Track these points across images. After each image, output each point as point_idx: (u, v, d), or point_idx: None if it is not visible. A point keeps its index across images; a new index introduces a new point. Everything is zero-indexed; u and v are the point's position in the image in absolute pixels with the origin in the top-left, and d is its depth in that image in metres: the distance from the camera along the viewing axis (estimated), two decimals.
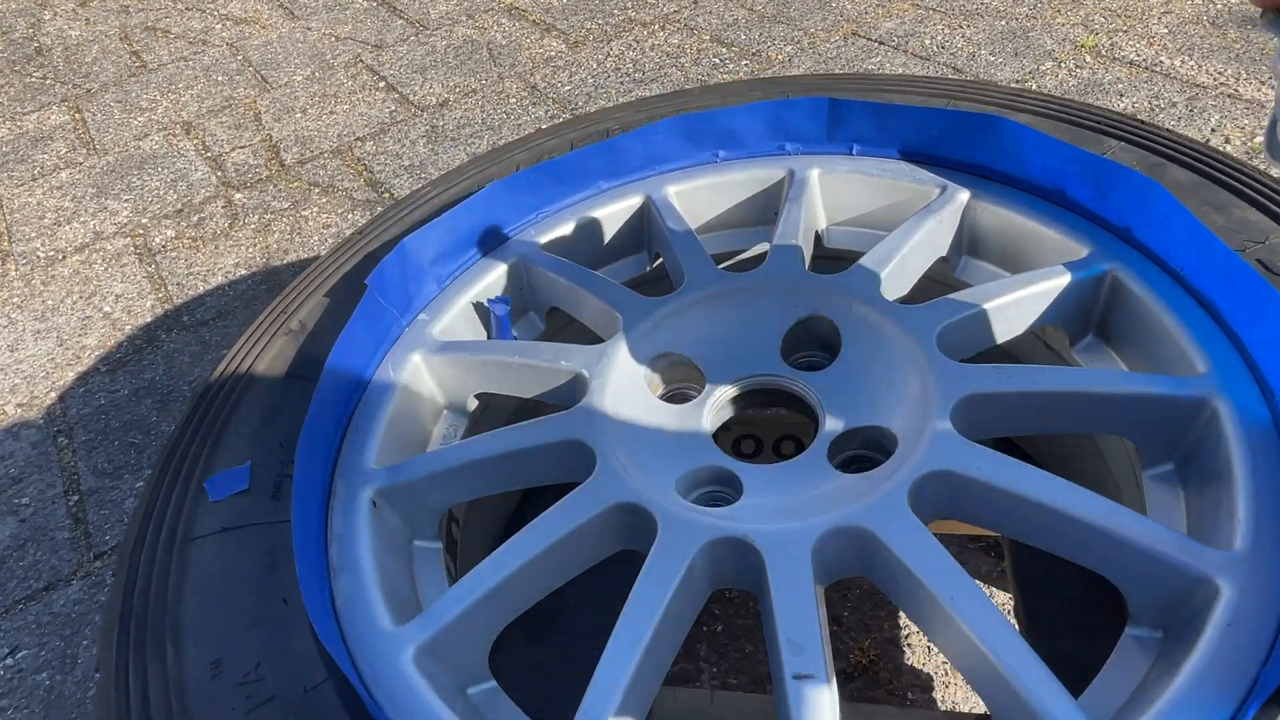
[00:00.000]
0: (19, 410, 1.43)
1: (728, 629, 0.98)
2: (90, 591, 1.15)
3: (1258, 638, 0.44)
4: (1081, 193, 0.68)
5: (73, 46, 2.60)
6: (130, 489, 1.28)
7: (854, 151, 0.79)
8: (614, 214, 0.80)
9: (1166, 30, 1.84)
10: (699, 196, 0.81)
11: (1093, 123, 0.74)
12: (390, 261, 0.70)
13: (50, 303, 1.63)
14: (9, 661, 1.08)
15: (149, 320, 1.56)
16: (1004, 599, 0.98)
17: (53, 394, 1.45)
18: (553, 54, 2.13)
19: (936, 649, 0.94)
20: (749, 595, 1.01)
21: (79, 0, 2.92)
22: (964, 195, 0.73)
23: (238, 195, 1.82)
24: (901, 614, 0.97)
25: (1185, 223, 0.62)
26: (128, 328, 1.55)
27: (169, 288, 1.62)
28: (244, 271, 1.63)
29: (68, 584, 1.16)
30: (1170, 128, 1.59)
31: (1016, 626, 0.80)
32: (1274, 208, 0.63)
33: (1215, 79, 1.67)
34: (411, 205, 0.80)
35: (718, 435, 0.64)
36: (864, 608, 0.99)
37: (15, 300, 1.65)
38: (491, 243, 0.77)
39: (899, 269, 0.68)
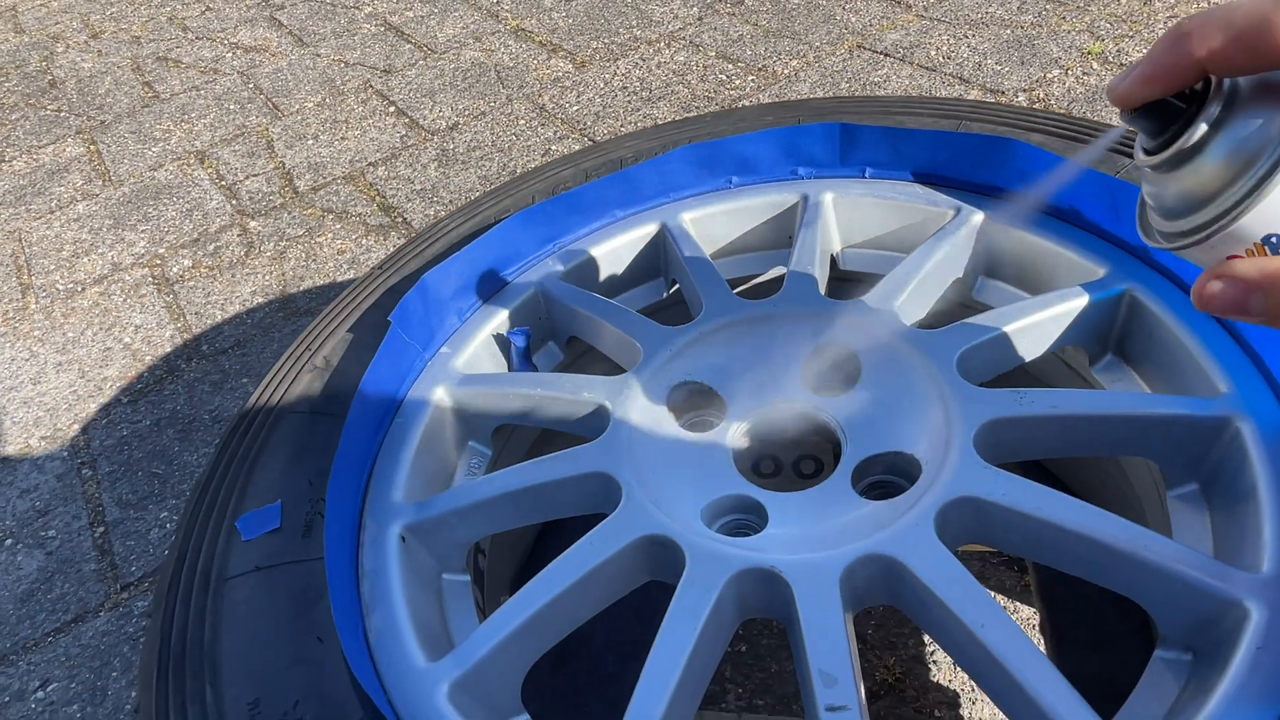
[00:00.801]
0: (43, 443, 1.45)
1: (752, 649, 0.99)
2: (118, 623, 1.16)
3: None
4: (1096, 213, 0.69)
5: (86, 78, 2.64)
6: (155, 519, 1.29)
7: (867, 174, 0.80)
8: (630, 242, 0.80)
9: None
10: (714, 222, 0.82)
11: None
12: (412, 297, 0.71)
13: (71, 335, 1.65)
14: (40, 695, 1.10)
15: (168, 350, 1.58)
16: (1028, 614, 0.98)
17: (76, 426, 1.47)
18: (560, 74, 2.15)
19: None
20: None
21: (91, 32, 2.97)
22: (978, 216, 0.73)
23: (253, 223, 1.84)
24: (924, 632, 0.97)
25: None
26: (148, 358, 1.57)
27: (187, 317, 1.64)
28: (261, 299, 1.64)
29: (96, 615, 1.17)
30: None
31: (1042, 643, 0.80)
32: None
33: None
34: (430, 238, 0.81)
35: (737, 456, 0.65)
36: (888, 625, 0.99)
37: (36, 333, 1.67)
38: (510, 274, 0.78)
39: (916, 292, 0.69)
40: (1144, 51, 1.80)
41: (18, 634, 1.17)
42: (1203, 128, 0.31)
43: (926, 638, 0.97)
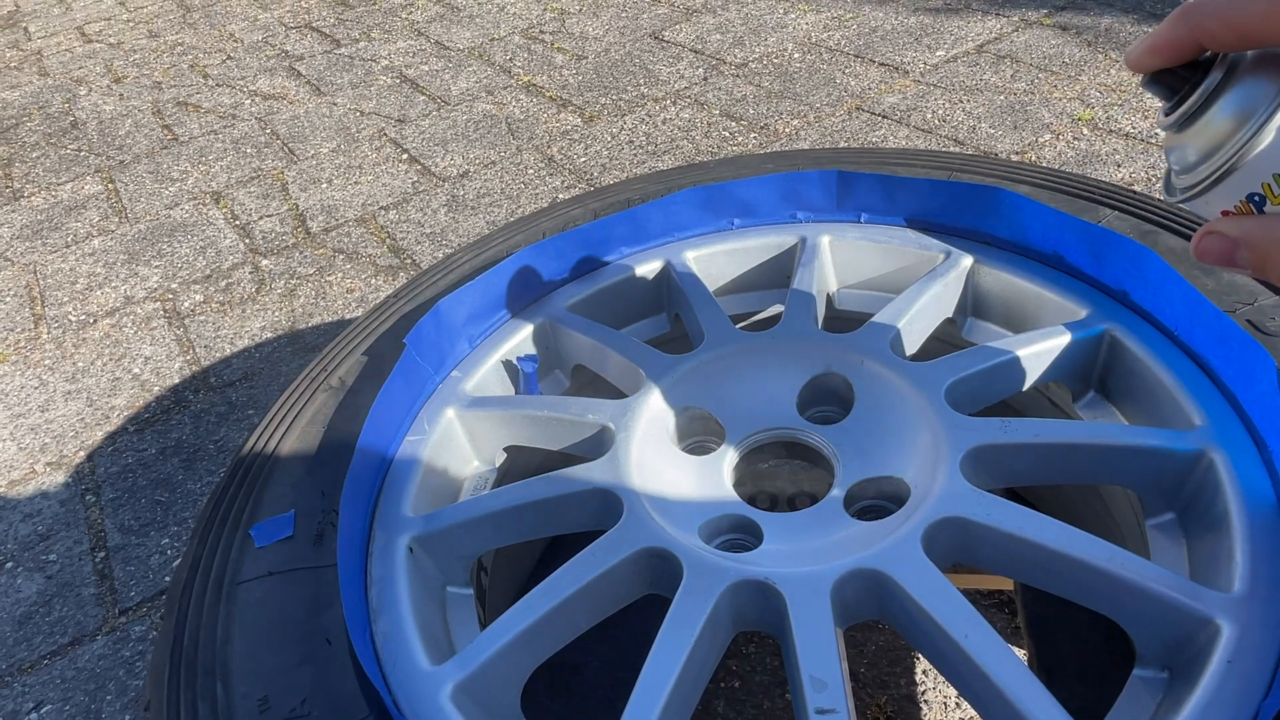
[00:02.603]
0: (48, 469, 1.47)
1: (745, 685, 1.00)
2: (115, 647, 1.17)
3: (1257, 673, 0.46)
4: (1079, 258, 0.72)
5: (107, 120, 2.71)
6: (156, 546, 1.30)
7: (862, 219, 0.84)
8: (636, 277, 0.84)
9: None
10: (716, 261, 0.85)
11: (1088, 193, 0.78)
12: (426, 322, 0.74)
13: (81, 364, 1.68)
14: (33, 717, 1.10)
15: (177, 381, 1.60)
16: (1019, 654, 0.99)
17: (81, 453, 1.49)
18: (569, 128, 2.22)
19: (951, 694, 0.95)
20: (766, 651, 1.03)
21: (113, 77, 3.06)
22: (968, 260, 0.77)
23: (265, 262, 1.89)
24: (917, 671, 0.98)
25: (1178, 287, 0.66)
26: (156, 389, 1.60)
27: (197, 350, 1.67)
28: (270, 335, 1.68)
29: (93, 639, 1.18)
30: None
31: None
32: None
33: None
34: (444, 269, 0.85)
35: (734, 479, 0.67)
36: (880, 664, 1.00)
37: (47, 362, 1.70)
38: (520, 305, 0.81)
39: (908, 328, 0.72)
40: (1132, 119, 1.87)
41: (14, 656, 1.17)
42: (1201, 95, 0.35)
43: (918, 676, 0.98)
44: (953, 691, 0.96)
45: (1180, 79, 0.35)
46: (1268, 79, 0.33)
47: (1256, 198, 0.34)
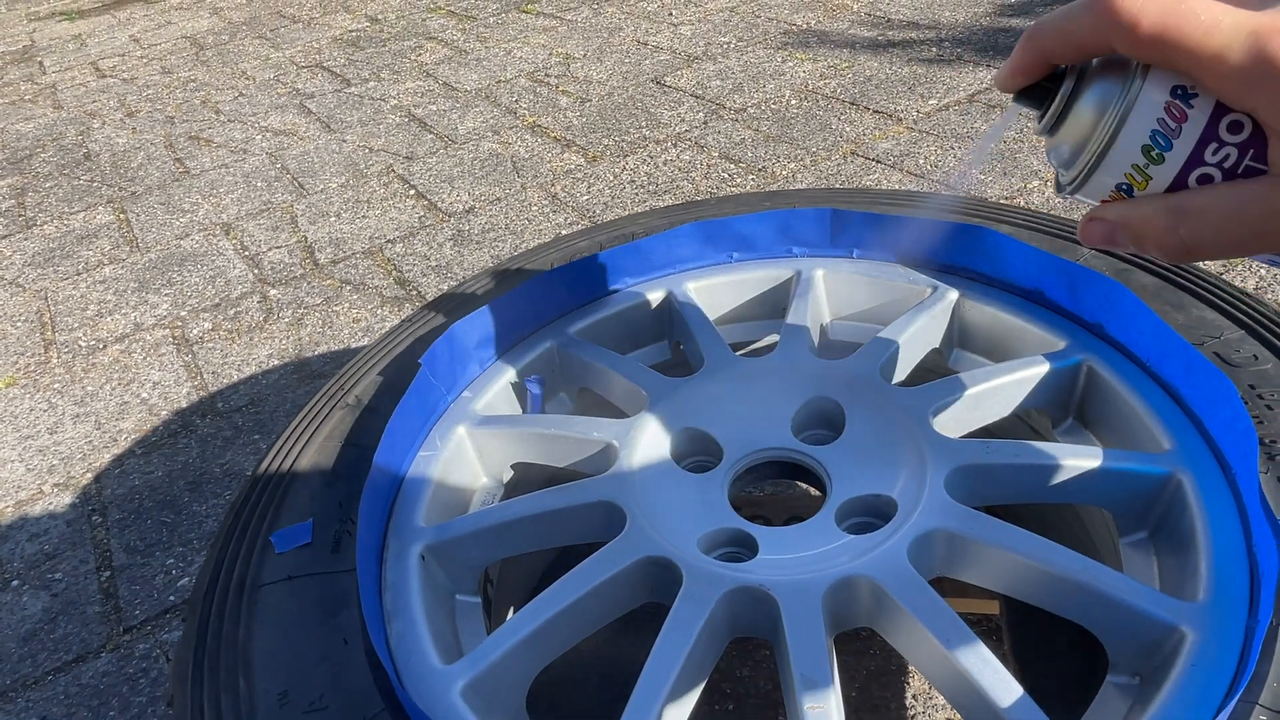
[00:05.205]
0: (56, 490, 1.49)
1: (739, 708, 1.02)
2: (119, 664, 1.19)
3: (1218, 676, 0.50)
4: (1057, 294, 0.77)
5: (120, 153, 2.78)
6: (161, 566, 1.32)
7: (854, 255, 0.88)
8: (639, 306, 0.88)
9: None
10: (715, 292, 0.90)
11: (1066, 233, 0.83)
12: (440, 344, 0.78)
13: (90, 388, 1.71)
14: None
15: (184, 406, 1.64)
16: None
17: (89, 474, 1.51)
18: (572, 167, 2.28)
19: (940, 717, 0.98)
20: (760, 675, 1.05)
21: (127, 111, 3.13)
22: (953, 294, 0.82)
23: (273, 291, 1.93)
24: (907, 695, 1.01)
25: (1150, 321, 0.70)
26: (164, 413, 1.63)
27: (204, 376, 1.71)
28: (276, 362, 1.72)
29: (96, 656, 1.20)
30: None
31: None
32: (1226, 307, 0.71)
33: None
34: (458, 296, 0.89)
35: (731, 495, 0.70)
36: (871, 688, 1.02)
37: (56, 386, 1.74)
38: (529, 330, 0.85)
39: (897, 356, 0.76)
40: None
41: (18, 672, 1.19)
42: (1059, 102, 0.39)
43: (909, 700, 1.00)
44: (941, 716, 0.99)
45: (1042, 91, 0.40)
46: (1113, 80, 0.37)
47: (1124, 186, 0.38)
